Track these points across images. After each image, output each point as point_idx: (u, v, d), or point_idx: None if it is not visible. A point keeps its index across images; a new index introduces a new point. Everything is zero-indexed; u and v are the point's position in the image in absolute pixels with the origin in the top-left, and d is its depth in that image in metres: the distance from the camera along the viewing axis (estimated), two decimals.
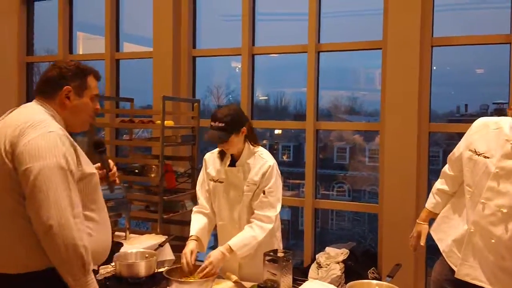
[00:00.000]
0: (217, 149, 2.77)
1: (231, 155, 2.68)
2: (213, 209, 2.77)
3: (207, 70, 5.50)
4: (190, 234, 2.67)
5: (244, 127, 2.61)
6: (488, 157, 2.27)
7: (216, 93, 5.86)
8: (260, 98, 5.80)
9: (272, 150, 6.07)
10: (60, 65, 1.84)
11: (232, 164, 2.67)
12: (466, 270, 2.29)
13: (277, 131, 5.74)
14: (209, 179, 2.75)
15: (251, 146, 2.66)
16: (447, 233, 2.43)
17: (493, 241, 2.23)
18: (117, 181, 2.16)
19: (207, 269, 2.40)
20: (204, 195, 2.78)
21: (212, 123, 2.56)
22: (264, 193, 2.59)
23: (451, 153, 2.51)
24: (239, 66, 4.32)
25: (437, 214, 2.53)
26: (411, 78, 3.59)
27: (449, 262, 2.38)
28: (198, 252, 2.62)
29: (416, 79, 3.58)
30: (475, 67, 4.79)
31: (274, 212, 2.61)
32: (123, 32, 4.93)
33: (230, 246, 2.51)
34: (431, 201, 2.56)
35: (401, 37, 3.61)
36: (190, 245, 2.58)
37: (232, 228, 2.64)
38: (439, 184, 2.56)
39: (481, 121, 2.39)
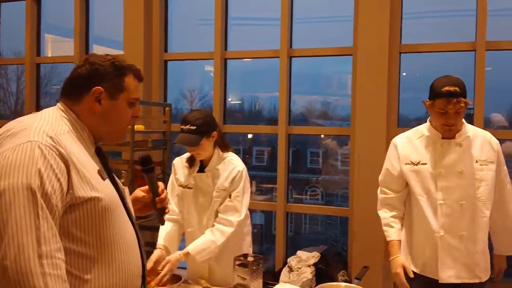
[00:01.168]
0: (186, 155, 2.76)
1: (200, 161, 2.67)
2: (182, 214, 2.76)
3: (180, 73, 5.47)
4: (158, 243, 2.65)
5: (215, 132, 2.62)
6: (425, 163, 2.43)
7: (189, 97, 5.83)
8: (234, 102, 5.80)
9: (246, 154, 6.07)
10: (92, 61, 1.49)
11: (201, 170, 2.67)
12: (448, 272, 2.39)
13: (250, 136, 5.75)
14: (178, 185, 2.74)
15: (220, 152, 2.67)
16: (417, 252, 2.50)
17: (462, 233, 2.37)
18: (168, 209, 1.83)
19: (165, 268, 2.41)
20: (175, 200, 2.77)
21: (183, 126, 2.56)
22: (230, 197, 2.61)
23: (382, 178, 2.63)
24: (213, 70, 4.32)
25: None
26: (380, 84, 3.65)
27: (429, 276, 2.45)
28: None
29: (385, 85, 3.64)
30: (444, 73, 4.89)
31: (238, 217, 2.61)
32: (93, 34, 4.86)
33: (188, 251, 2.52)
34: (393, 231, 2.55)
35: (371, 43, 3.67)
36: (154, 254, 2.56)
37: (200, 235, 2.62)
38: (387, 213, 2.61)
39: (400, 138, 2.58)
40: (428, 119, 2.48)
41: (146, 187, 1.76)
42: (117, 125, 1.53)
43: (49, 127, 1.36)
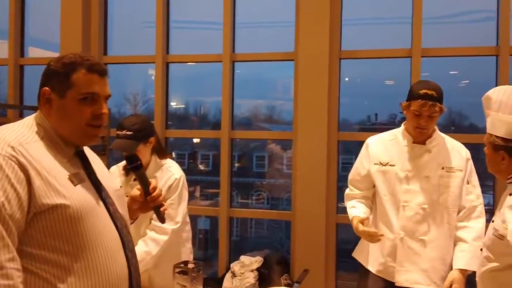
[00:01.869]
0: (123, 162, 2.69)
1: None
2: None
3: (123, 77, 5.36)
4: None
5: (152, 137, 2.57)
6: (393, 165, 2.47)
7: (133, 101, 5.72)
8: (178, 106, 5.74)
9: (191, 159, 6.02)
10: (49, 62, 1.49)
11: None
12: (404, 276, 2.41)
13: (196, 140, 5.70)
14: None
15: (158, 159, 2.62)
16: (376, 252, 2.52)
17: (423, 238, 2.40)
18: (164, 207, 1.76)
19: None
20: None
21: (119, 132, 2.48)
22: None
23: (351, 176, 2.66)
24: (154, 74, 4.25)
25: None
26: (321, 89, 3.71)
27: (385, 277, 2.47)
28: None
29: (325, 90, 3.70)
30: (385, 78, 5.04)
31: (172, 224, 2.57)
32: (29, 36, 4.67)
33: None
34: (354, 210, 2.50)
35: (311, 49, 3.72)
36: None
37: (137, 244, 2.55)
38: (351, 200, 2.61)
39: (373, 138, 2.64)
40: (403, 123, 2.53)
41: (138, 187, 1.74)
42: (74, 124, 1.46)
43: (15, 137, 1.37)
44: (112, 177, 1.71)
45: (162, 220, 1.76)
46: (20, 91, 4.56)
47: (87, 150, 1.65)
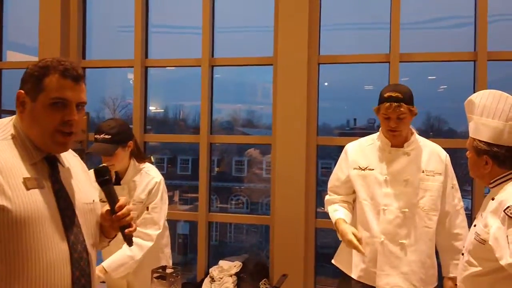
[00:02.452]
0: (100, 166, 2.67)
1: (116, 173, 2.59)
2: None
3: (102, 81, 5.32)
4: None
5: (130, 141, 2.56)
6: (372, 169, 2.49)
7: (112, 105, 5.68)
8: (158, 111, 5.72)
9: (169, 163, 5.99)
10: (29, 65, 1.47)
11: (117, 182, 2.59)
12: (385, 279, 2.41)
13: (174, 144, 5.68)
14: None
15: (136, 163, 2.61)
16: (356, 258, 2.52)
17: (403, 241, 2.41)
18: (132, 228, 1.59)
19: None
20: None
21: (97, 136, 2.47)
22: (147, 209, 2.55)
23: (331, 182, 2.68)
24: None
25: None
26: (300, 94, 3.73)
27: (366, 283, 2.48)
28: None
29: (304, 94, 3.73)
30: (364, 83, 5.11)
31: (157, 229, 2.56)
32: (7, 39, 4.61)
33: (103, 267, 2.43)
34: (337, 213, 2.50)
35: (290, 54, 3.75)
36: None
37: (116, 249, 2.52)
38: (332, 205, 2.61)
39: (352, 144, 2.66)
40: (380, 128, 2.55)
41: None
42: (43, 128, 1.42)
43: None
44: (90, 189, 1.62)
45: (129, 243, 1.62)
46: None
47: (73, 159, 1.62)
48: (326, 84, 4.07)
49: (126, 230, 1.59)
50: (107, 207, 1.62)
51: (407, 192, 2.43)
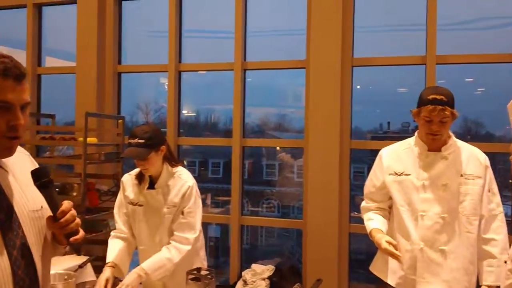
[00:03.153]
0: (135, 171, 2.71)
1: (150, 177, 2.63)
2: (132, 232, 2.70)
3: (135, 86, 5.41)
4: (107, 261, 2.58)
5: (163, 146, 2.59)
6: (408, 174, 2.43)
7: (145, 109, 5.76)
8: (190, 114, 5.77)
9: (201, 167, 6.04)
10: None
11: (151, 186, 2.62)
12: (425, 287, 2.34)
13: (207, 147, 5.72)
14: (128, 202, 2.68)
15: (169, 167, 2.64)
16: (394, 265, 2.46)
17: (443, 248, 2.34)
18: (79, 235, 1.35)
19: None
20: (122, 218, 2.71)
21: (131, 140, 2.51)
22: (183, 214, 2.57)
23: (367, 189, 2.62)
24: (167, 83, 4.29)
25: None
26: (333, 97, 3.71)
27: None
28: (117, 278, 2.55)
29: (338, 98, 3.71)
30: (397, 86, 5.04)
31: (194, 233, 2.59)
32: (46, 46, 4.76)
33: (143, 269, 2.47)
34: (372, 222, 2.45)
35: (323, 57, 3.74)
36: (106, 273, 2.49)
37: (154, 252, 2.58)
38: (368, 212, 2.56)
39: (387, 149, 2.59)
40: (416, 132, 2.49)
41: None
42: None
43: None
44: (38, 194, 1.36)
45: (77, 252, 1.46)
46: (37, 99, 4.64)
47: (22, 160, 1.45)
48: (358, 87, 4.03)
49: (72, 239, 1.35)
50: (49, 213, 1.37)
51: (446, 197, 2.36)
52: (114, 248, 2.63)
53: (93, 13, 4.26)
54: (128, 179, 2.72)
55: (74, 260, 3.03)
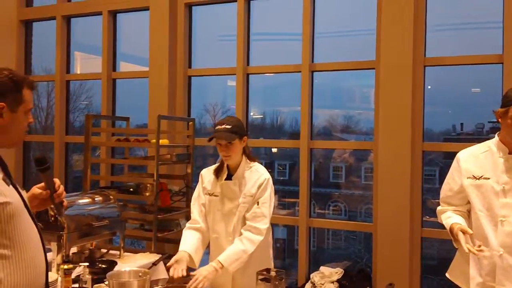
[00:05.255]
0: (213, 166, 2.83)
1: (228, 169, 2.72)
2: (207, 224, 2.80)
3: (203, 88, 5.54)
4: (180, 248, 2.68)
5: (245, 137, 2.71)
6: (488, 178, 2.33)
7: (212, 111, 5.89)
8: (256, 116, 5.83)
9: (267, 168, 6.07)
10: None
11: (228, 178, 2.74)
12: None
13: (273, 150, 5.75)
14: (205, 193, 2.80)
15: (247, 160, 2.74)
16: (473, 271, 2.38)
17: None
18: (65, 202, 1.91)
19: (200, 283, 2.42)
20: (199, 208, 2.82)
21: (219, 127, 2.66)
22: (257, 204, 2.65)
23: (443, 192, 2.52)
24: (235, 85, 4.36)
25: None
26: (404, 98, 3.62)
27: None
28: (189, 268, 2.64)
29: (409, 98, 3.61)
30: (471, 86, 4.84)
31: (266, 223, 2.65)
32: (120, 51, 4.98)
33: (220, 262, 2.54)
34: (451, 219, 2.37)
35: (394, 57, 3.65)
36: (178, 255, 2.60)
37: (226, 242, 2.68)
38: (448, 212, 2.47)
39: (465, 151, 2.48)
40: (497, 134, 2.38)
41: (42, 184, 1.84)
42: (16, 134, 1.67)
43: None
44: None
45: (61, 214, 2.03)
46: (112, 103, 4.87)
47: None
48: (429, 87, 3.90)
49: (64, 203, 1.88)
50: (36, 189, 1.86)
51: None
52: (188, 238, 2.73)
53: (164, 19, 4.40)
54: (207, 172, 2.86)
55: (148, 258, 3.16)
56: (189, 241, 2.72)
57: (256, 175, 2.70)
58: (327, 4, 4.34)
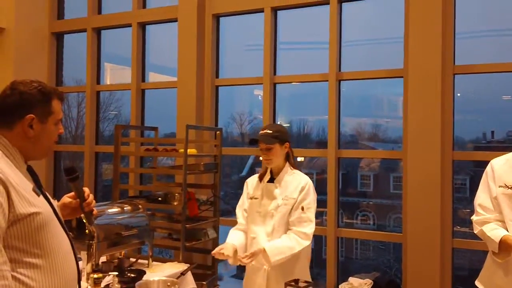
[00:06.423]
0: (257, 174, 2.96)
1: (271, 173, 2.83)
2: (248, 222, 2.91)
3: (230, 97, 5.58)
4: (227, 242, 2.83)
5: (287, 142, 2.75)
6: None
7: (239, 121, 5.91)
8: (283, 125, 5.82)
9: None
10: (21, 89, 1.61)
11: (271, 180, 2.86)
12: None
13: (300, 158, 5.74)
14: (248, 198, 2.93)
15: (290, 167, 2.80)
16: (505, 282, 2.34)
17: None
18: (95, 211, 1.96)
19: (250, 257, 2.60)
20: (243, 213, 2.95)
21: (261, 131, 2.83)
22: (302, 209, 2.69)
23: (479, 200, 2.46)
24: (262, 94, 4.37)
25: None
26: (433, 106, 3.57)
27: None
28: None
29: (438, 107, 3.56)
30: (501, 93, 4.75)
31: (312, 228, 2.74)
32: (149, 62, 5.06)
33: (264, 249, 2.64)
34: (499, 231, 2.30)
35: (422, 65, 3.61)
36: (224, 244, 2.80)
37: (263, 242, 2.75)
38: (486, 226, 2.39)
39: (498, 160, 2.45)
40: None
41: (72, 193, 1.90)
42: (47, 144, 1.70)
43: None
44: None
45: (91, 222, 2.03)
46: (141, 113, 4.95)
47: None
48: (458, 95, 3.84)
49: (94, 212, 1.94)
50: (66, 198, 1.93)
51: None
52: (235, 235, 2.89)
53: (192, 30, 4.46)
54: (251, 179, 3.00)
55: (176, 267, 3.18)
56: (236, 237, 2.85)
57: (298, 179, 2.80)
58: (354, 13, 4.32)
